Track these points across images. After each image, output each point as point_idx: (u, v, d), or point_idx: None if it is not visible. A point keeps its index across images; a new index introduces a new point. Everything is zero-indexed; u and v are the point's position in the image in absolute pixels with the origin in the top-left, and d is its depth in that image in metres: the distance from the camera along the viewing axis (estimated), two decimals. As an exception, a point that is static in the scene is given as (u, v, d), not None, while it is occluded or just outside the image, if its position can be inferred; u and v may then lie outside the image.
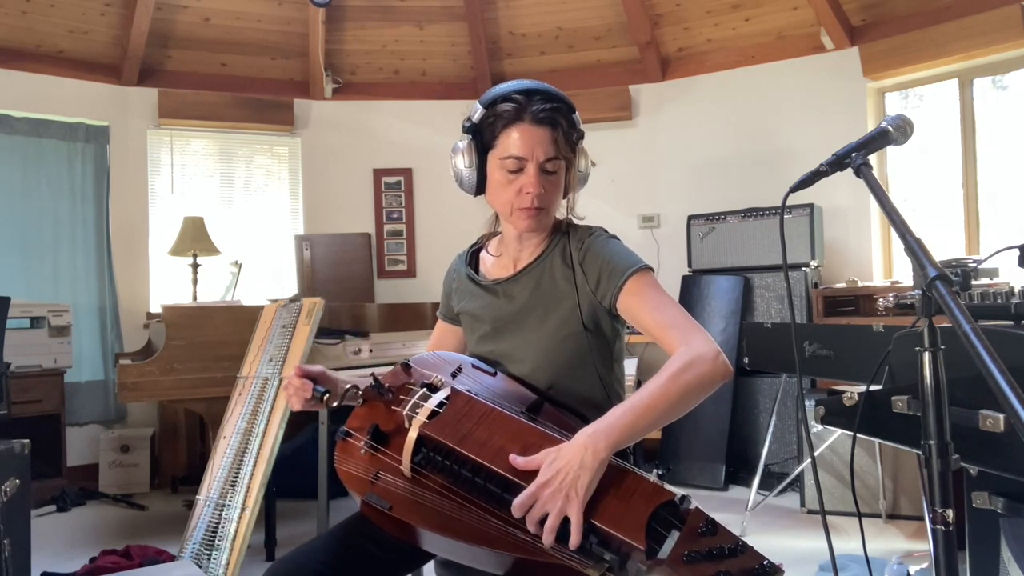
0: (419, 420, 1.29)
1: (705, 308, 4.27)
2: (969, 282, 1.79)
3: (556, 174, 1.41)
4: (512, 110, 1.38)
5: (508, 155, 1.39)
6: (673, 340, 1.30)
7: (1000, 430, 1.30)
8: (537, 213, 1.41)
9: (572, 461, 1.13)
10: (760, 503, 3.45)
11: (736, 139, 4.79)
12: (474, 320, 1.55)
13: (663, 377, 1.23)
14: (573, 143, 1.44)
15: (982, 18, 3.95)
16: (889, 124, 1.19)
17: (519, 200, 1.40)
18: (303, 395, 1.42)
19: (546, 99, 1.40)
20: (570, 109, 1.44)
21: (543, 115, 1.38)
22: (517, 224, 1.44)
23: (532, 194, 1.38)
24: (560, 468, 1.12)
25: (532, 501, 1.12)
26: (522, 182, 1.39)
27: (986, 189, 4.16)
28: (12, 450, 2.22)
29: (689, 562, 0.98)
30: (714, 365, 1.24)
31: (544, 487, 1.12)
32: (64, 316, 4.13)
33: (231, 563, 2.51)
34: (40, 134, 4.51)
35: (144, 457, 4.37)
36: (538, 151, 1.38)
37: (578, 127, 1.46)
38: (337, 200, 5.18)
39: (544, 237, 1.50)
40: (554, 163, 1.40)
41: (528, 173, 1.38)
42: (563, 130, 1.40)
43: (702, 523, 1.03)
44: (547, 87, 1.43)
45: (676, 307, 1.36)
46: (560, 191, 1.45)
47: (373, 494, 1.25)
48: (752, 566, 0.98)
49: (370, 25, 5.11)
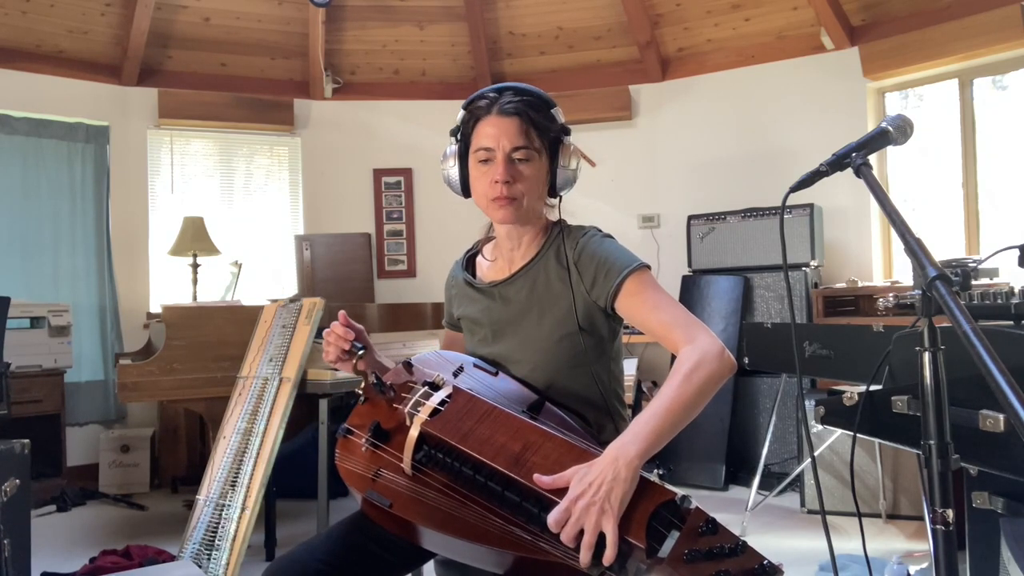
0: (421, 418, 1.29)
1: (705, 308, 4.27)
2: (969, 282, 1.79)
3: (528, 163, 1.42)
4: (484, 106, 1.43)
5: (479, 147, 1.42)
6: (677, 339, 1.30)
7: (1000, 430, 1.30)
8: (509, 203, 1.41)
9: (605, 473, 1.10)
10: (760, 503, 3.45)
11: (736, 139, 4.79)
12: (473, 324, 1.56)
13: (676, 379, 1.23)
14: (550, 137, 1.44)
15: (982, 18, 3.95)
16: (889, 124, 1.19)
17: (491, 190, 1.42)
18: (341, 345, 1.44)
19: (517, 93, 1.42)
20: (546, 104, 1.45)
21: (509, 106, 1.41)
22: (494, 216, 1.46)
23: (499, 182, 1.40)
24: (592, 481, 1.10)
25: (567, 517, 1.08)
26: (492, 172, 1.41)
27: (986, 189, 4.16)
28: (12, 450, 2.22)
29: (689, 561, 0.98)
30: (721, 361, 1.25)
31: (577, 500, 1.09)
32: (64, 316, 4.13)
33: (231, 563, 2.51)
34: (40, 134, 4.51)
35: (144, 457, 4.37)
36: (504, 141, 1.40)
37: (557, 122, 1.45)
38: (337, 200, 5.18)
39: (538, 238, 1.50)
40: (524, 152, 1.41)
41: (496, 162, 1.40)
42: (533, 121, 1.41)
43: (702, 522, 1.03)
44: (524, 86, 1.45)
45: (676, 305, 1.36)
46: (536, 184, 1.44)
47: (374, 491, 1.25)
48: (752, 566, 0.98)
49: (370, 25, 5.11)
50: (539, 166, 1.43)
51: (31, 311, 4.05)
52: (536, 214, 1.49)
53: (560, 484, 1.13)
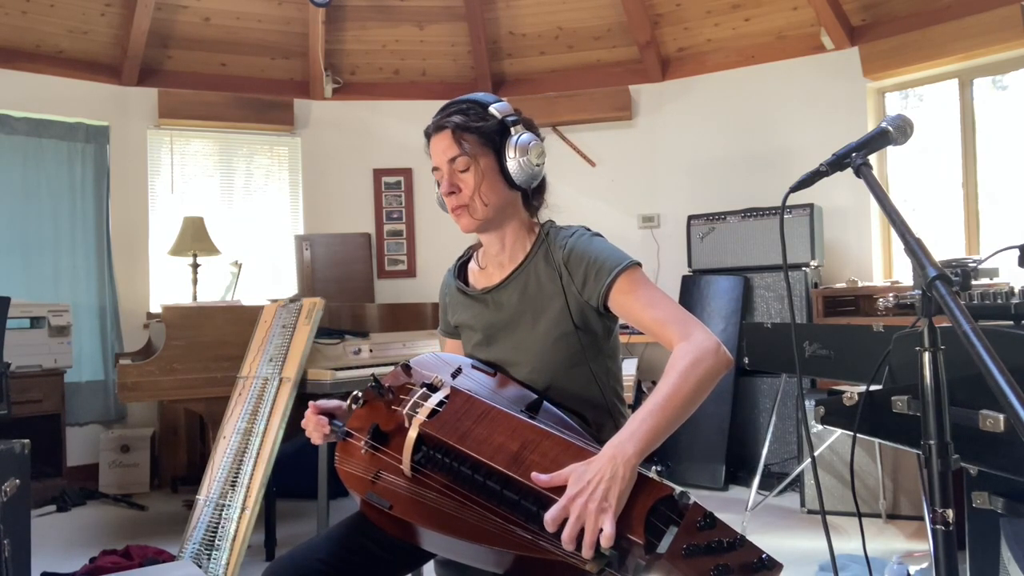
0: (419, 419, 1.30)
1: (705, 308, 4.27)
2: (969, 282, 1.79)
3: (467, 171, 1.44)
4: (428, 130, 1.49)
5: (432, 169, 1.49)
6: (673, 336, 1.30)
7: (1000, 430, 1.30)
8: (463, 211, 1.46)
9: (603, 471, 1.10)
10: (760, 503, 3.45)
11: (736, 139, 4.79)
12: (468, 330, 1.58)
13: (672, 376, 1.23)
14: (490, 136, 1.44)
15: (982, 18, 3.94)
16: (889, 124, 1.19)
17: (448, 204, 1.48)
18: (321, 431, 1.45)
19: (448, 107, 1.47)
20: (479, 105, 1.46)
21: (439, 121, 1.46)
22: (459, 226, 1.50)
23: (447, 194, 1.46)
24: (591, 479, 1.10)
25: (564, 515, 1.08)
26: (443, 188, 1.47)
27: (986, 189, 4.16)
28: (12, 450, 2.22)
29: (688, 556, 0.98)
30: (717, 357, 1.25)
31: (575, 499, 1.08)
32: (64, 316, 4.13)
33: (231, 563, 2.51)
34: (40, 134, 4.51)
35: (144, 457, 4.37)
36: (440, 156, 1.45)
37: (494, 118, 1.45)
38: (337, 200, 5.17)
39: (524, 240, 1.51)
40: (461, 160, 1.44)
41: (444, 177, 1.46)
42: (462, 126, 1.43)
43: (700, 517, 1.03)
44: (461, 97, 1.48)
45: (669, 301, 1.36)
46: (482, 185, 1.43)
47: (373, 493, 1.26)
48: (751, 560, 0.98)
49: (370, 25, 5.11)
50: (481, 167, 1.44)
51: (31, 311, 4.05)
52: (504, 214, 1.49)
53: (558, 482, 1.13)
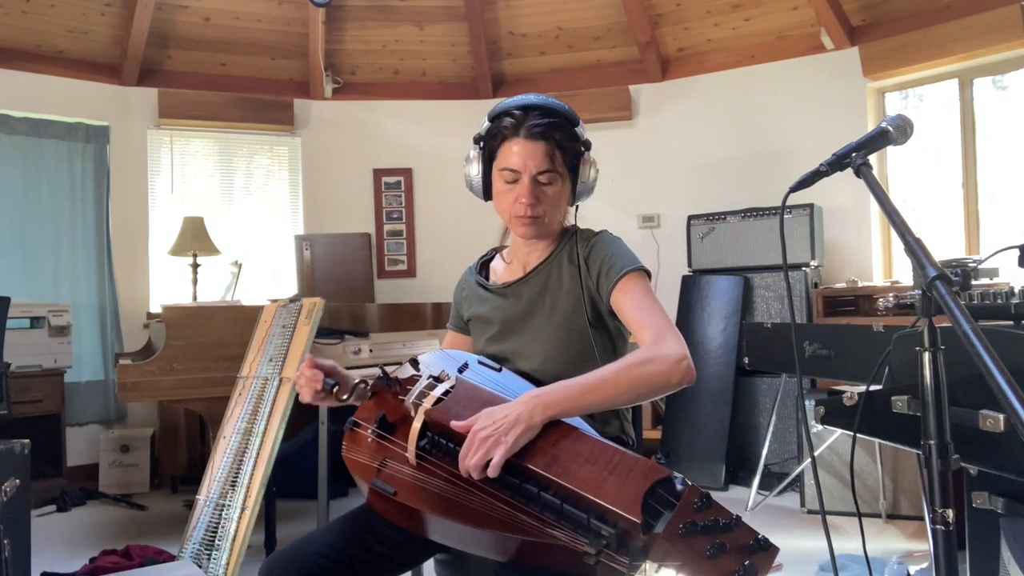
0: (424, 407, 1.33)
1: (705, 308, 4.27)
2: (969, 282, 1.79)
3: (552, 185, 1.47)
4: (510, 125, 1.46)
5: (505, 167, 1.48)
6: (645, 337, 1.35)
7: (1000, 430, 1.30)
8: (532, 221, 1.48)
9: (510, 415, 1.20)
10: (760, 503, 3.46)
11: (736, 139, 4.79)
12: (483, 323, 1.60)
13: (617, 365, 1.29)
14: (574, 155, 1.49)
15: (982, 18, 3.95)
16: (889, 124, 1.19)
17: (515, 208, 1.48)
18: (313, 386, 1.44)
19: (544, 114, 1.46)
20: (570, 122, 1.49)
21: (537, 130, 1.44)
22: (516, 230, 1.53)
23: (525, 203, 1.46)
24: (496, 419, 1.20)
25: (469, 447, 1.19)
26: (517, 192, 1.47)
27: (986, 189, 4.16)
28: (12, 450, 2.22)
29: (684, 535, 0.99)
30: (673, 367, 1.28)
31: (479, 431, 1.19)
32: (64, 316, 4.13)
33: (231, 563, 2.51)
34: (40, 134, 4.51)
35: (144, 457, 4.37)
36: (531, 164, 1.45)
37: (580, 139, 1.50)
38: (337, 200, 5.18)
39: (552, 241, 1.56)
40: (548, 175, 1.46)
41: (522, 184, 1.46)
42: (558, 144, 1.46)
43: (697, 498, 1.04)
44: (549, 102, 1.48)
45: (660, 311, 1.40)
46: (559, 202, 1.50)
47: (379, 480, 1.28)
48: (747, 541, 1.00)
49: (370, 25, 5.11)
50: (562, 185, 1.49)
51: (31, 311, 4.05)
52: (557, 226, 1.55)
53: (471, 424, 1.22)
